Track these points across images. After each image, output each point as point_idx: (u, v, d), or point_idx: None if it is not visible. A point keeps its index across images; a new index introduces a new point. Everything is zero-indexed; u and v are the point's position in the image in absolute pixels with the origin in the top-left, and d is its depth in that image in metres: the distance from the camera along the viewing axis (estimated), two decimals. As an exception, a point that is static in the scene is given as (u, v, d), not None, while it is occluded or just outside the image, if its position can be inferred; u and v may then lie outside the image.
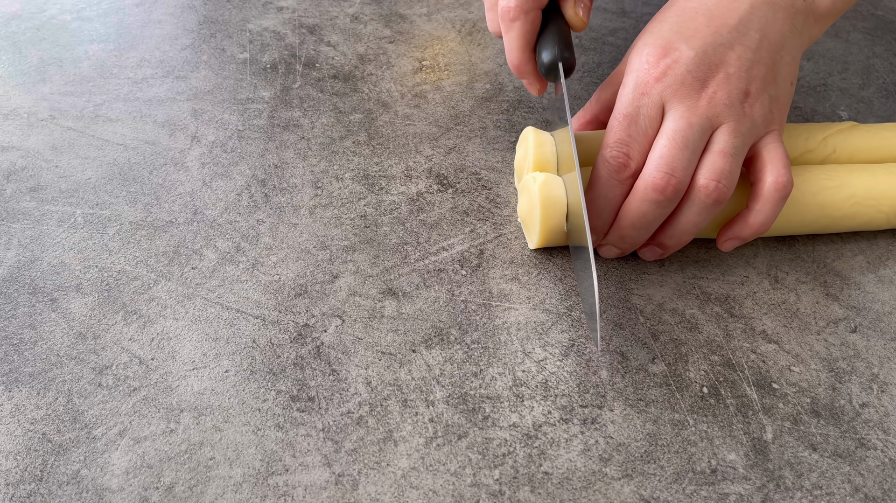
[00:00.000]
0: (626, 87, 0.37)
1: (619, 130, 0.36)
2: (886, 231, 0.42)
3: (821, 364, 0.36)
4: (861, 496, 0.31)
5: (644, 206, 0.36)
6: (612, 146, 0.36)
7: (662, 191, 0.35)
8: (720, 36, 0.36)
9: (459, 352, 0.35)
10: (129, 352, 0.35)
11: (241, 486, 0.31)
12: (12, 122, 0.47)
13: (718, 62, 0.36)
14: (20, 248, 0.39)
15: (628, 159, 0.36)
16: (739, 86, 0.36)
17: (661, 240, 0.38)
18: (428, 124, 0.48)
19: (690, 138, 0.35)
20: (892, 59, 0.56)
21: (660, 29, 0.37)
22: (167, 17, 0.57)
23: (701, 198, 0.35)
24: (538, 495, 0.31)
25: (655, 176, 0.35)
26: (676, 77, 0.35)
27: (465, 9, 0.59)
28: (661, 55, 0.36)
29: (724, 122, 0.35)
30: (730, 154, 0.35)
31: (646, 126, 0.36)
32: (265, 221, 0.41)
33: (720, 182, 0.35)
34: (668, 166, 0.35)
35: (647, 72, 0.36)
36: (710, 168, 0.35)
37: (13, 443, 0.32)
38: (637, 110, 0.36)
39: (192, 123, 0.47)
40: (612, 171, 0.36)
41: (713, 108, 0.35)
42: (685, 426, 0.33)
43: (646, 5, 0.60)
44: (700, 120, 0.35)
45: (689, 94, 0.35)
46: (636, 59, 0.37)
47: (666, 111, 0.36)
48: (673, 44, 0.36)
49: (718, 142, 0.35)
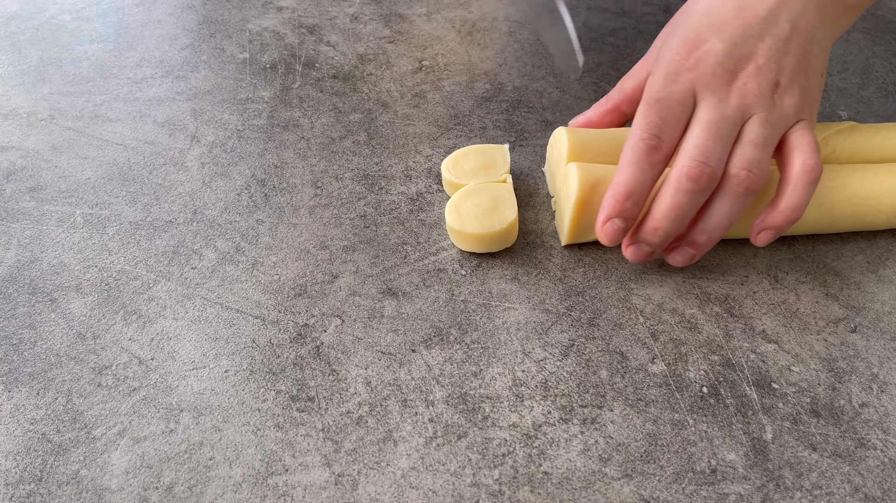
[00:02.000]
0: (655, 75, 0.37)
1: (651, 114, 0.36)
2: (886, 231, 0.42)
3: (820, 364, 0.36)
4: (861, 496, 0.31)
5: (678, 197, 0.35)
6: (644, 128, 0.36)
7: (697, 180, 0.34)
8: (750, 27, 0.36)
9: (459, 352, 0.35)
10: (128, 352, 0.35)
11: (240, 486, 0.31)
12: (12, 121, 0.47)
13: (748, 54, 0.36)
14: (20, 247, 0.39)
15: (660, 142, 0.35)
16: (769, 77, 0.36)
17: (693, 236, 0.37)
18: (428, 124, 0.48)
19: (723, 129, 0.35)
20: (892, 59, 0.56)
21: (689, 21, 0.37)
22: (167, 16, 0.57)
23: (733, 187, 0.35)
24: (538, 495, 0.31)
25: (690, 165, 0.35)
26: (707, 68, 0.35)
27: (465, 9, 0.59)
28: (691, 47, 0.36)
29: (755, 112, 0.35)
30: (760, 144, 0.35)
31: (678, 111, 0.36)
32: (265, 221, 0.41)
33: (752, 171, 0.35)
34: (703, 155, 0.34)
35: (678, 62, 0.36)
36: (742, 157, 0.35)
37: (13, 443, 0.32)
38: (669, 95, 0.36)
39: (192, 123, 0.47)
40: (643, 153, 0.35)
41: (744, 100, 0.35)
42: (685, 426, 0.33)
43: (646, 5, 0.60)
44: (732, 111, 0.35)
45: (720, 85, 0.35)
46: (666, 50, 0.37)
47: (697, 102, 0.36)
48: (703, 36, 0.36)
49: (749, 132, 0.35)
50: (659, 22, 0.58)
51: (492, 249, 0.39)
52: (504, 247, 0.40)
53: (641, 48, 0.55)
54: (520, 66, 0.53)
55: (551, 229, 0.42)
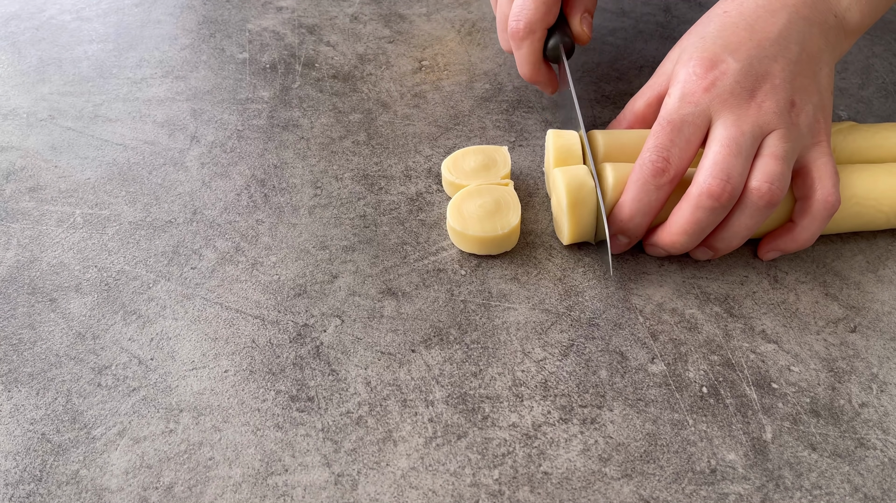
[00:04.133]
0: (671, 96, 0.37)
1: (661, 135, 0.36)
2: (886, 231, 0.42)
3: (820, 364, 0.36)
4: (860, 496, 0.31)
5: (698, 213, 0.36)
6: (653, 150, 0.36)
7: (718, 197, 0.35)
8: (763, 48, 0.37)
9: (459, 352, 0.35)
10: (128, 352, 0.35)
11: (240, 486, 0.31)
12: (11, 122, 0.47)
13: (764, 73, 0.36)
14: (19, 247, 0.39)
15: (668, 164, 0.36)
16: (785, 96, 0.36)
17: (713, 243, 0.38)
18: (427, 124, 0.48)
19: (743, 145, 0.35)
20: (892, 58, 0.56)
21: (703, 41, 0.38)
22: (166, 17, 0.57)
23: (754, 200, 0.35)
24: (538, 495, 0.31)
25: (711, 183, 0.35)
26: (725, 88, 0.36)
27: (465, 9, 0.59)
28: (708, 67, 0.36)
29: (774, 129, 0.36)
30: (781, 158, 0.35)
31: (689, 134, 0.36)
32: (264, 221, 0.41)
33: (773, 184, 0.35)
34: (724, 172, 0.35)
35: (695, 83, 0.36)
36: (763, 171, 0.35)
37: (12, 443, 0.32)
38: (682, 118, 0.36)
39: (192, 123, 0.47)
40: (650, 175, 0.36)
41: (762, 117, 0.36)
42: (685, 426, 0.33)
43: (646, 5, 0.60)
44: (751, 127, 0.35)
45: (738, 103, 0.36)
46: (682, 70, 0.37)
47: (714, 121, 0.36)
48: (719, 56, 0.36)
49: (769, 146, 0.36)
50: (659, 22, 0.58)
51: (492, 252, 0.39)
52: (504, 250, 0.40)
53: (641, 48, 0.55)
54: (519, 66, 0.53)
55: (551, 229, 0.42)
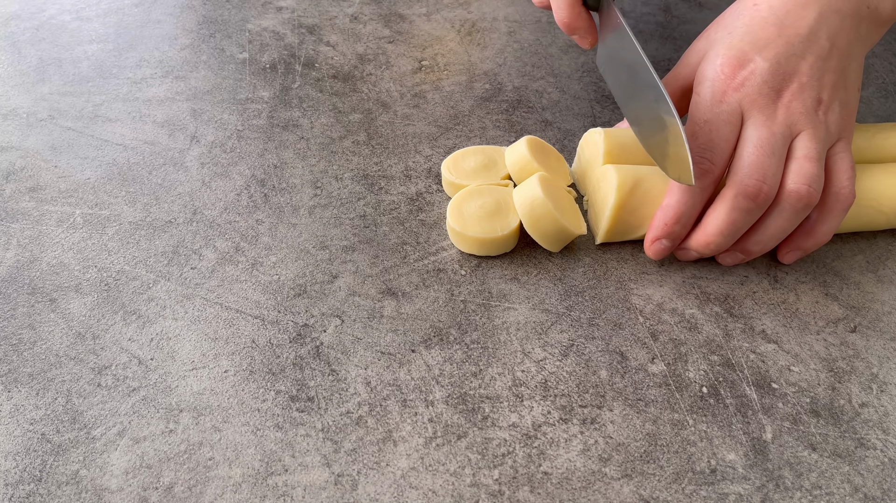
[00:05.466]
0: (700, 94, 0.37)
1: (701, 135, 0.36)
2: (886, 231, 0.42)
3: (820, 364, 0.36)
4: (860, 496, 0.31)
5: (734, 214, 0.35)
6: (695, 151, 0.36)
7: (754, 198, 0.35)
8: (792, 46, 0.36)
9: (459, 352, 0.35)
10: (128, 352, 0.35)
11: (240, 486, 0.31)
12: (11, 122, 0.47)
13: (792, 72, 0.36)
14: (19, 248, 0.39)
15: (712, 165, 0.36)
16: (812, 94, 0.36)
17: (747, 246, 0.38)
18: (427, 124, 0.48)
19: (775, 146, 0.35)
20: (892, 58, 0.56)
21: (730, 38, 0.37)
22: (166, 17, 0.57)
23: (791, 202, 0.35)
24: (538, 495, 0.31)
25: (748, 183, 0.35)
26: (754, 87, 0.36)
27: (465, 9, 0.59)
28: (736, 66, 0.36)
29: (803, 129, 0.36)
30: (815, 159, 0.35)
31: (727, 132, 0.36)
32: (264, 221, 0.41)
33: (811, 186, 0.35)
34: (760, 173, 0.35)
35: (723, 82, 0.36)
36: (799, 173, 0.35)
37: (12, 443, 0.32)
38: (717, 116, 0.36)
39: (192, 123, 0.47)
40: (695, 177, 0.36)
41: (791, 117, 0.36)
42: (685, 426, 0.33)
43: (646, 5, 0.60)
44: (780, 129, 0.35)
45: (766, 104, 0.36)
46: (709, 68, 0.37)
47: (744, 120, 0.36)
48: (747, 55, 0.36)
49: (801, 147, 0.36)
50: (659, 22, 0.58)
51: (492, 253, 0.39)
52: (504, 251, 0.40)
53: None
54: (519, 66, 0.53)
55: (551, 229, 0.42)
